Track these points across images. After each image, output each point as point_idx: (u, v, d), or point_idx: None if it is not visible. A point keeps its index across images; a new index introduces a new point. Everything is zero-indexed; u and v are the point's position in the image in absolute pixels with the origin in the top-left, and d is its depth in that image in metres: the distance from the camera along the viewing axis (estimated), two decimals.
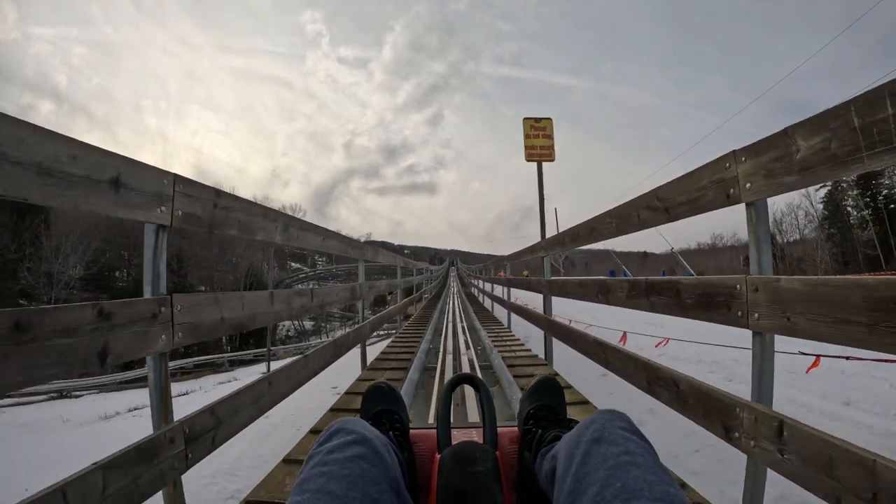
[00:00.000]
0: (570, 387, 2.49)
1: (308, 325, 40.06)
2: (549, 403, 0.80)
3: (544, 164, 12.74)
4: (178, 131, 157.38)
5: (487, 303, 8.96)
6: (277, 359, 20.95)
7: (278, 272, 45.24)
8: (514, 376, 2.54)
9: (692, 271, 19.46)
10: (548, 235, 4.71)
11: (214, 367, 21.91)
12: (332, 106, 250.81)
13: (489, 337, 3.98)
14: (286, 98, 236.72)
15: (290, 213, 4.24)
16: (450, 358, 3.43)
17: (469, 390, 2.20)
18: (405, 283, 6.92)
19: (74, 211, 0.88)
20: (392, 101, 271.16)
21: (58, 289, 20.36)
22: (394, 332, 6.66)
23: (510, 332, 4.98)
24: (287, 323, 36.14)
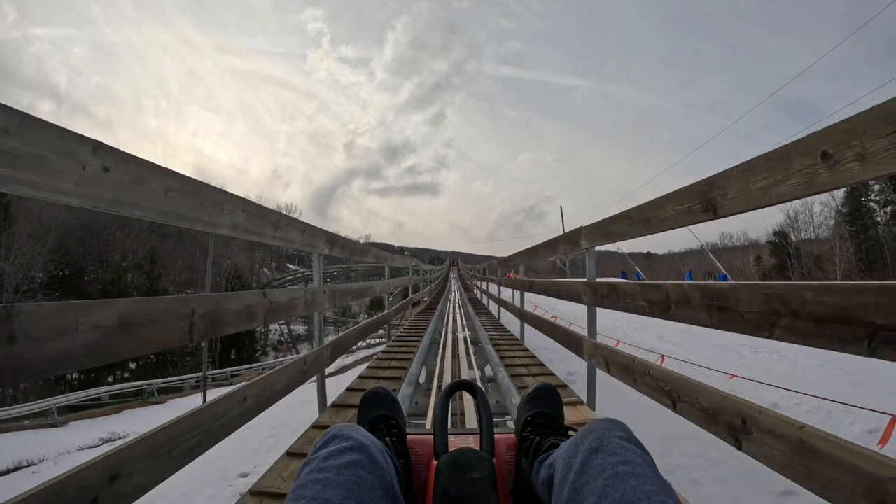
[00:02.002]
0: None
1: (301, 329, 37.58)
2: (546, 411, 0.77)
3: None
4: (178, 131, 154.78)
5: (506, 317, 6.72)
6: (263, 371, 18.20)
7: (269, 273, 42.95)
8: None
9: (724, 271, 17.54)
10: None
11: (146, 398, 15.64)
12: (333, 106, 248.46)
13: None
14: (287, 98, 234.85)
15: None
16: None
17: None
18: (361, 289, 3.39)
19: None
20: (394, 100, 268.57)
21: (8, 293, 18.00)
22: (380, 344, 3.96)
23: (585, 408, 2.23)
24: (274, 327, 33.87)
